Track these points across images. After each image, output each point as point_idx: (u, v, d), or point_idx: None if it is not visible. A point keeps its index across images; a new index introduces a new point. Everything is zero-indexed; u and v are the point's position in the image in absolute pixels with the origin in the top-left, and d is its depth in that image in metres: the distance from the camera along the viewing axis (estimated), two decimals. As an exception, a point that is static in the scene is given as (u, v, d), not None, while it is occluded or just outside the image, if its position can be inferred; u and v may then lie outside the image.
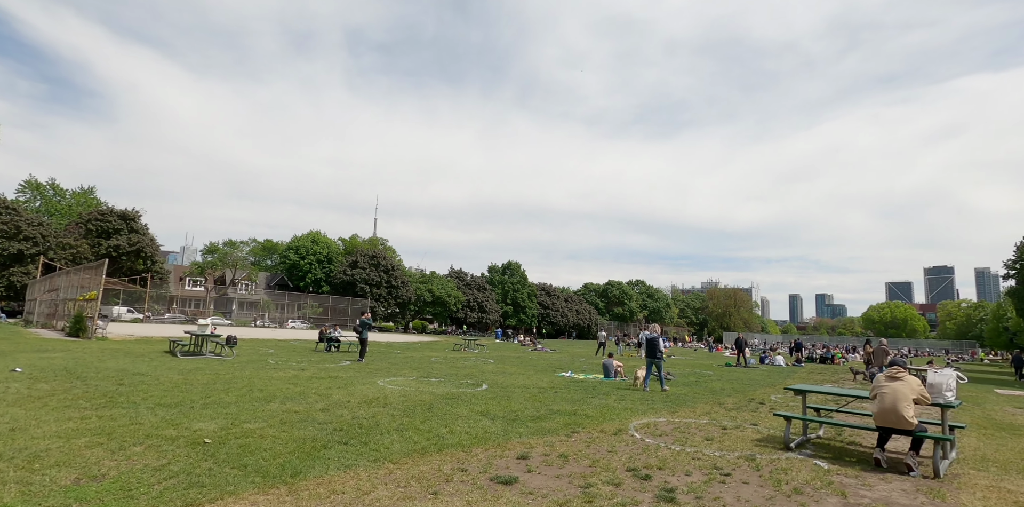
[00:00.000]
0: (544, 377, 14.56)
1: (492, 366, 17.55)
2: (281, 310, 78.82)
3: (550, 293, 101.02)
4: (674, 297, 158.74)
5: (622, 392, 11.67)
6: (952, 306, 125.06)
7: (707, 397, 11.46)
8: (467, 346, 28.37)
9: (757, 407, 10.16)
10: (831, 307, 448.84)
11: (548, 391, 11.30)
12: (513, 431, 6.83)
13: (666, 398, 10.91)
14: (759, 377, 18.31)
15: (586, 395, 10.87)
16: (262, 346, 22.67)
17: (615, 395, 11.01)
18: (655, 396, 11.15)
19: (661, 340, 12.56)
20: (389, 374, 13.26)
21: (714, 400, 10.96)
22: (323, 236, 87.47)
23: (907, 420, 5.64)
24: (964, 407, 12.04)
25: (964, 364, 46.27)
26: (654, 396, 11.13)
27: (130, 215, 59.77)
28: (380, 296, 74.02)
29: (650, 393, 11.64)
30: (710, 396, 11.66)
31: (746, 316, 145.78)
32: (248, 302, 78.09)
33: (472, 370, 15.64)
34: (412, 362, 17.58)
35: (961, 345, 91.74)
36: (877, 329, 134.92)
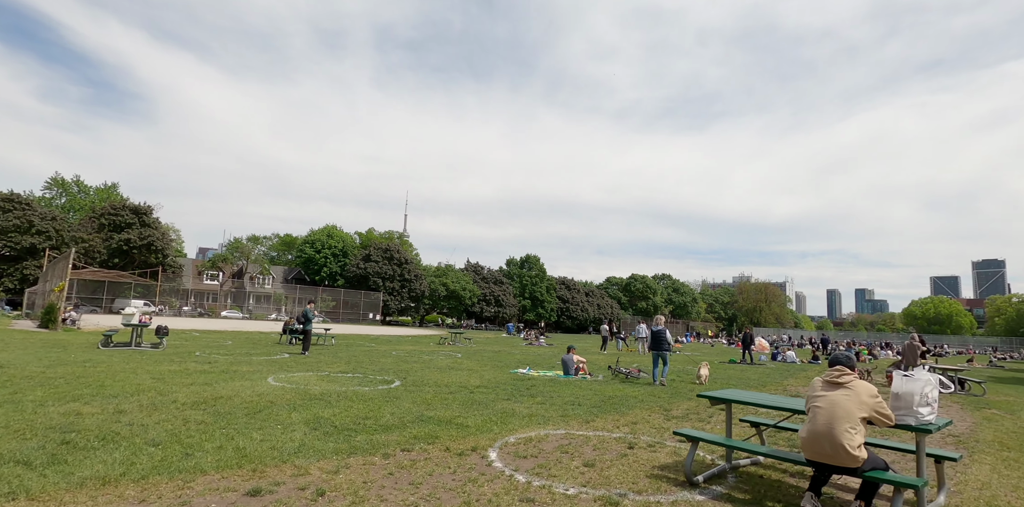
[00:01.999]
0: (492, 374, 12.68)
1: (449, 361, 15.75)
2: (294, 304, 78.94)
3: (570, 287, 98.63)
4: (702, 292, 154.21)
5: (558, 392, 9.71)
6: (1002, 301, 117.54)
7: (660, 400, 9.39)
8: (452, 340, 26.65)
9: (712, 415, 8.06)
10: (871, 303, 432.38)
11: (465, 391, 9.42)
12: (319, 446, 5.00)
13: (601, 402, 8.91)
14: (754, 376, 16.02)
15: (506, 396, 8.96)
16: (227, 338, 21.39)
17: (541, 397, 9.06)
18: (587, 400, 9.15)
19: (667, 333, 12.20)
20: (306, 369, 11.58)
21: (663, 405, 8.89)
22: (339, 230, 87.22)
23: (847, 451, 3.57)
24: (992, 417, 9.66)
25: (1012, 362, 42.28)
26: (585, 399, 9.14)
27: (142, 209, 60.11)
28: (393, 290, 73.08)
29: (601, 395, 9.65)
30: (666, 399, 9.58)
31: (778, 311, 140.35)
32: (265, 296, 78.27)
33: (415, 366, 13.87)
34: (363, 356, 15.92)
35: (1011, 342, 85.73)
36: (919, 325, 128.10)
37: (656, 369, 12.01)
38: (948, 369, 14.28)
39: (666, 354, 12.08)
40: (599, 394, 9.82)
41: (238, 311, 70.40)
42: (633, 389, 10.88)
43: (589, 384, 11.43)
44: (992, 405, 11.54)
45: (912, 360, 14.14)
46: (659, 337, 12.17)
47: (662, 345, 12.05)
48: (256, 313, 72.53)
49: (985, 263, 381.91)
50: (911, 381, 3.87)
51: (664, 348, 12.05)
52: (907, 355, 14.27)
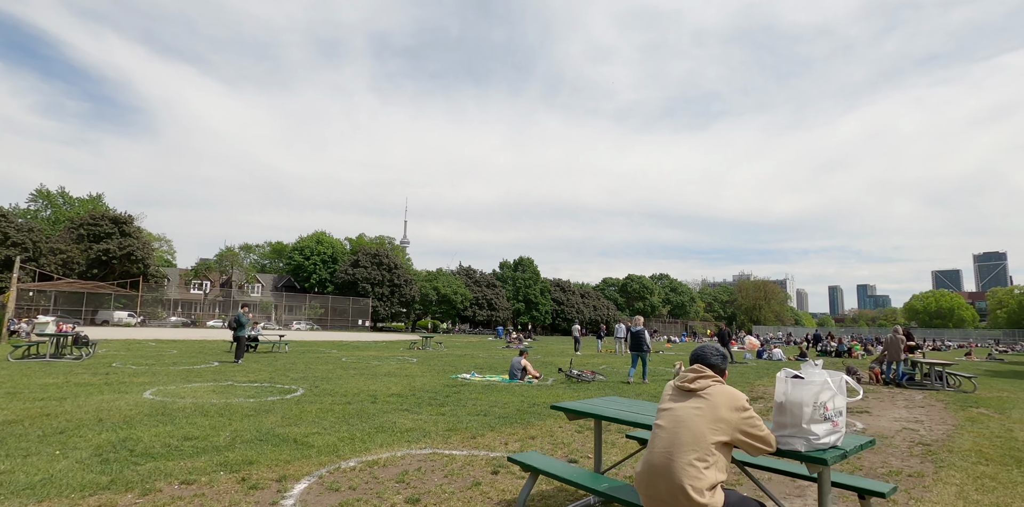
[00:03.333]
0: (426, 380, 11.46)
1: (393, 367, 14.53)
2: (286, 312, 77.74)
3: (565, 289, 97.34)
4: (701, 291, 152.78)
5: (479, 400, 8.50)
6: (1003, 293, 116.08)
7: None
8: (423, 345, 25.41)
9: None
10: (873, 298, 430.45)
11: (368, 400, 8.21)
12: (69, 479, 3.80)
13: (518, 411, 7.70)
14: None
15: (409, 406, 7.75)
16: (176, 347, 20.17)
17: (451, 406, 7.85)
18: (504, 408, 7.93)
19: (646, 333, 12.21)
20: (211, 380, 10.36)
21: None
22: (328, 236, 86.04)
23: (689, 497, 2.33)
24: (977, 418, 8.43)
25: (1013, 355, 40.94)
26: (501, 408, 7.93)
27: (123, 219, 58.96)
28: (382, 295, 71.85)
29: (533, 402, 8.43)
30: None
31: (777, 309, 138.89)
32: (253, 305, 77.03)
33: (347, 373, 12.65)
34: (302, 364, 14.70)
35: (1014, 334, 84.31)
36: (921, 319, 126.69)
37: (634, 369, 11.95)
38: (935, 364, 13.04)
39: (645, 355, 12.00)
40: (527, 401, 8.60)
41: (225, 320, 69.26)
42: (576, 394, 9.65)
43: (528, 390, 10.21)
44: (981, 403, 10.30)
45: (895, 355, 12.88)
46: (638, 337, 12.07)
47: (641, 346, 11.97)
48: (244, 322, 71.37)
49: (986, 256, 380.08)
50: (801, 385, 2.63)
51: (643, 349, 11.96)
52: (890, 350, 13.02)
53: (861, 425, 7.37)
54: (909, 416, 8.35)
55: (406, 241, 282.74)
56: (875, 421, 7.76)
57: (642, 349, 12.02)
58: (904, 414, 8.56)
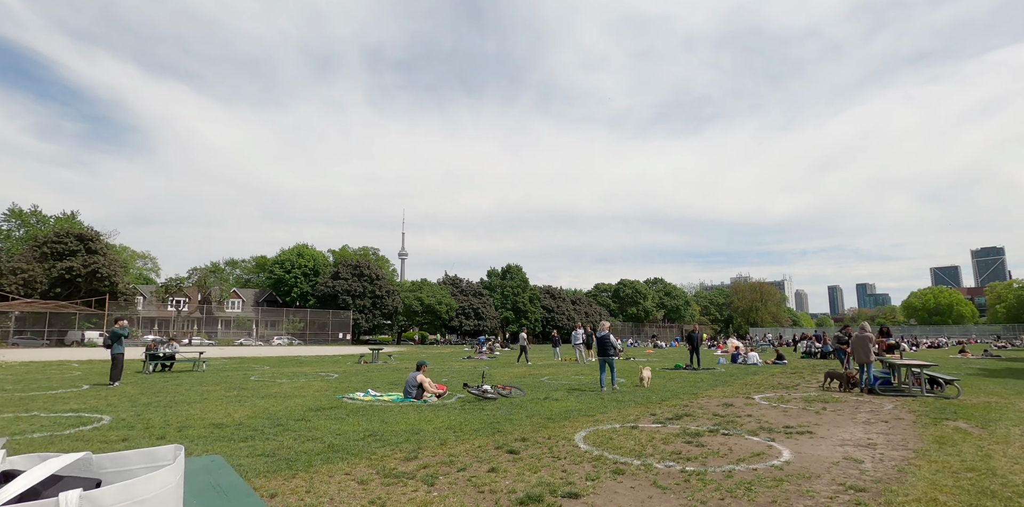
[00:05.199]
0: (304, 401, 9.59)
1: (297, 386, 12.65)
2: (266, 327, 75.70)
3: (555, 296, 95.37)
4: (697, 294, 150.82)
5: (318, 428, 6.65)
6: (1002, 288, 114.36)
7: (440, 436, 6.31)
8: (371, 358, 23.46)
9: (444, 470, 4.97)
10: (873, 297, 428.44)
11: (176, 431, 6.34)
12: None
13: (309, 452, 5.83)
14: (676, 385, 12.90)
15: (216, 440, 5.89)
16: (81, 368, 18.21)
17: (269, 440, 5.99)
18: (324, 440, 6.08)
19: (611, 337, 12.03)
20: (23, 410, 8.47)
21: (407, 449, 5.80)
22: (310, 249, 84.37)
23: None
24: (948, 438, 6.59)
25: (1011, 351, 39.06)
26: (322, 442, 6.08)
27: (89, 236, 57.06)
28: (364, 308, 69.83)
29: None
30: (453, 434, 6.50)
31: (774, 310, 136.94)
32: (234, 321, 74.94)
33: (224, 395, 10.78)
34: (188, 385, 12.81)
35: (1014, 329, 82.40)
36: (920, 317, 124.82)
37: (603, 375, 11.71)
38: (912, 365, 11.20)
39: (612, 359, 11.75)
40: (382, 429, 6.73)
41: (205, 338, 67.18)
42: (463, 417, 7.78)
43: (408, 412, 8.34)
44: (963, 413, 8.45)
45: (864, 356, 11.05)
46: (604, 343, 11.89)
47: (608, 351, 11.74)
48: (222, 339, 69.25)
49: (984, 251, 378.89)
50: None
51: (610, 354, 11.74)
52: (856, 350, 11.19)
53: (788, 454, 5.52)
54: (862, 437, 6.50)
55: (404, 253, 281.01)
56: (812, 447, 5.90)
57: (609, 354, 11.74)
58: (857, 434, 6.71)
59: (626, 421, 7.49)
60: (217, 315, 74.11)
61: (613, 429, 6.82)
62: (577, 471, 4.80)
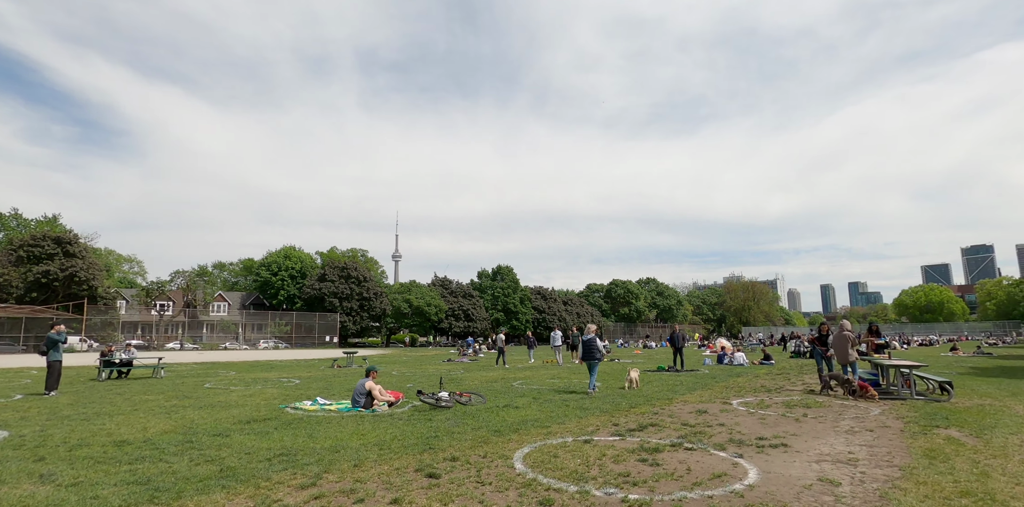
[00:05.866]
0: (242, 412, 8.74)
1: (249, 393, 11.79)
2: (253, 330, 74.46)
3: (546, 296, 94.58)
4: (690, 294, 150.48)
5: (225, 447, 5.81)
6: (992, 285, 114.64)
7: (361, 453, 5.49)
8: (344, 362, 22.56)
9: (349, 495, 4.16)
10: (865, 295, 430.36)
11: (67, 451, 5.49)
12: None
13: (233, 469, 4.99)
14: (653, 388, 12.12)
15: (92, 463, 5.05)
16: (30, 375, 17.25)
17: (161, 462, 5.15)
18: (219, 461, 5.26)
19: (598, 340, 11.82)
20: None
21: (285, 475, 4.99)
22: (297, 251, 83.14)
23: None
24: (941, 450, 5.85)
25: (1003, 348, 38.62)
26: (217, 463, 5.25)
27: (66, 239, 55.75)
28: (351, 310, 68.78)
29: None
30: (377, 452, 5.69)
31: (766, 309, 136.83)
32: (219, 324, 73.64)
33: (165, 404, 9.91)
34: (134, 393, 11.92)
35: (1004, 326, 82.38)
36: (911, 314, 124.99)
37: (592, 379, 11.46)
38: (901, 366, 10.49)
39: (596, 363, 11.53)
40: (299, 446, 5.91)
41: (189, 342, 65.89)
42: (409, 430, 6.97)
43: (348, 424, 7.52)
44: (954, 418, 7.72)
45: (843, 356, 10.33)
46: (589, 346, 11.67)
47: (593, 354, 11.55)
48: (207, 343, 68.00)
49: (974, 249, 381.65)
50: None
51: (595, 358, 11.53)
52: (837, 350, 10.47)
53: (754, 474, 4.75)
54: (842, 451, 5.74)
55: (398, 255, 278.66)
56: (784, 465, 5.13)
57: (594, 358, 11.53)
58: (838, 447, 5.95)
59: (582, 433, 6.70)
60: (202, 319, 72.84)
61: (563, 444, 6.03)
62: (497, 501, 4.01)
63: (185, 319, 72.01)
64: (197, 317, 72.91)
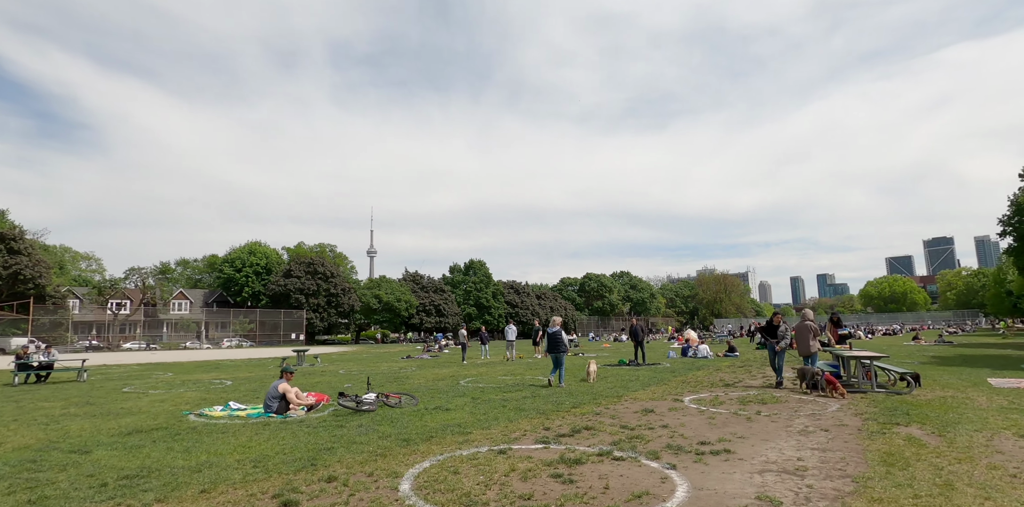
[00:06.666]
0: (144, 420, 7.69)
1: (164, 397, 10.68)
2: (216, 329, 72.05)
3: (519, 291, 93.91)
4: (663, 287, 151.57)
5: (43, 467, 4.81)
6: (952, 275, 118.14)
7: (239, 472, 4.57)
8: (293, 361, 21.39)
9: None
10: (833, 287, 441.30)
11: None
12: None
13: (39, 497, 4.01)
14: (606, 385, 11.40)
15: None
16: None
17: None
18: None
19: (563, 334, 11.78)
20: None
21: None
22: (262, 246, 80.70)
23: None
24: (900, 453, 5.17)
25: (962, 336, 39.28)
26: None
27: (10, 235, 52.74)
28: (318, 306, 66.99)
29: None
30: (246, 471, 4.77)
31: (738, 301, 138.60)
32: (179, 323, 71.02)
33: (49, 414, 8.77)
34: (29, 400, 10.69)
35: (962, 315, 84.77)
36: (876, 305, 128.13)
37: (554, 373, 11.52)
38: (862, 357, 9.95)
39: (562, 356, 11.51)
40: (134, 468, 4.94)
41: (148, 341, 63.31)
42: (305, 439, 6.04)
43: (238, 433, 6.55)
44: (917, 414, 7.12)
45: (805, 348, 9.76)
46: (555, 339, 11.66)
47: (559, 348, 11.55)
48: (167, 342, 65.51)
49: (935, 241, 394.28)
50: None
51: (560, 350, 11.51)
52: (799, 341, 9.90)
53: (683, 492, 3.96)
54: (791, 457, 5.01)
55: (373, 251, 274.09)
56: (722, 478, 4.37)
57: (559, 351, 11.50)
58: (787, 452, 5.23)
59: (504, 440, 5.86)
60: (161, 317, 70.13)
61: (473, 455, 5.18)
62: (347, 543, 3.13)
63: (142, 318, 69.31)
64: (156, 316, 70.24)
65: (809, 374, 9.49)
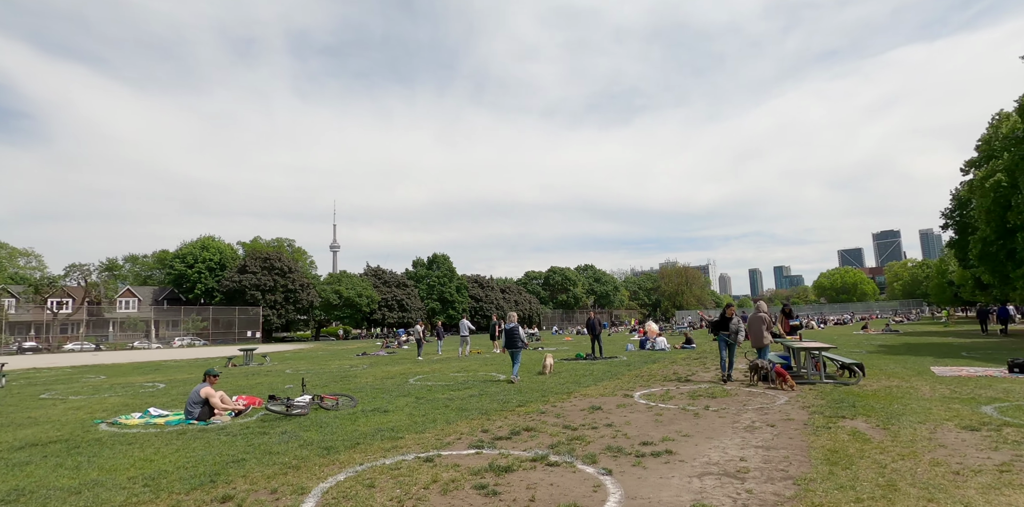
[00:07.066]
0: (48, 431, 6.95)
1: (94, 401, 9.84)
2: (168, 327, 69.16)
3: (483, 285, 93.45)
4: (626, 279, 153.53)
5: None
6: (898, 267, 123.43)
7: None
8: (242, 361, 20.43)
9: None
10: (789, 278, 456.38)
11: None
12: None
13: None
14: (558, 380, 11.11)
15: None
16: None
17: None
18: None
19: (520, 330, 11.80)
20: None
21: None
22: (216, 241, 77.68)
23: None
24: (843, 450, 4.98)
25: (908, 324, 40.90)
26: None
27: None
28: (275, 303, 65.01)
29: None
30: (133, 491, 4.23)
31: (698, 293, 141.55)
32: (126, 322, 67.81)
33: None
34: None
35: (908, 304, 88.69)
36: (829, 295, 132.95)
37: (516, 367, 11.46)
38: (811, 348, 9.94)
39: (519, 352, 11.56)
40: (8, 490, 4.33)
41: (92, 342, 60.21)
42: (194, 453, 5.49)
43: (145, 444, 5.94)
44: (863, 405, 7.04)
45: (759, 339, 9.70)
46: (512, 335, 11.73)
47: (516, 343, 11.61)
48: (113, 342, 62.48)
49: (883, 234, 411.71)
50: None
51: (517, 346, 11.56)
52: (753, 332, 9.82)
53: (614, 502, 3.63)
54: (734, 457, 4.76)
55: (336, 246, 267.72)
56: (657, 484, 4.07)
57: (516, 346, 11.56)
58: (730, 451, 4.98)
59: (435, 446, 5.45)
60: (107, 316, 66.82)
61: (396, 465, 4.74)
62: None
63: (85, 317, 65.95)
64: (101, 315, 66.95)
65: (760, 367, 9.40)
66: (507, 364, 15.09)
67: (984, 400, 7.21)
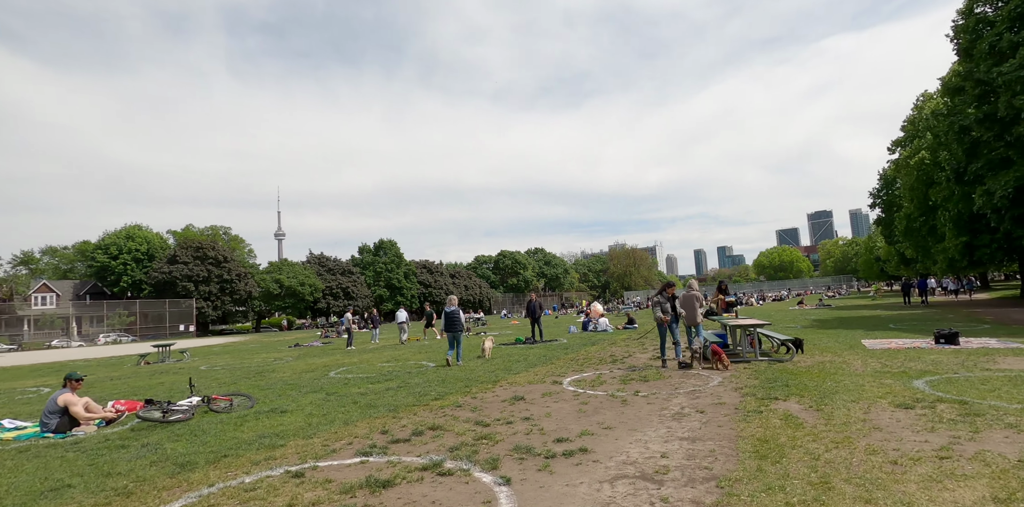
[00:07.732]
0: None
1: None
2: (91, 323, 64.54)
3: (432, 270, 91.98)
4: (576, 262, 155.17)
5: None
6: (831, 245, 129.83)
7: None
8: (157, 358, 18.76)
9: None
10: (731, 258, 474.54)
11: None
12: None
13: None
14: (489, 366, 10.46)
15: None
16: None
17: None
18: None
19: (460, 313, 11.65)
20: None
21: None
22: (144, 230, 72.86)
23: None
24: (774, 437, 4.47)
25: (840, 299, 42.71)
26: None
27: None
28: (210, 294, 61.65)
29: None
30: None
31: (646, 274, 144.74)
32: (43, 319, 62.79)
33: None
34: None
35: (840, 280, 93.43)
36: (768, 273, 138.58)
37: (451, 351, 11.37)
38: (747, 325, 9.65)
39: (460, 335, 11.55)
40: None
41: (4, 343, 55.37)
42: (36, 472, 4.48)
43: None
44: (796, 384, 6.68)
45: (692, 318, 9.32)
46: (452, 318, 11.64)
47: (455, 327, 11.55)
48: (29, 342, 57.73)
49: (817, 214, 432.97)
50: None
51: (458, 329, 11.54)
52: (686, 311, 9.44)
53: (502, 528, 2.95)
54: (655, 453, 4.19)
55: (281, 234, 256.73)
56: (565, 491, 3.42)
57: (456, 330, 11.51)
58: (653, 446, 4.41)
59: (316, 454, 4.64)
60: (20, 313, 61.66)
61: (256, 483, 3.91)
62: None
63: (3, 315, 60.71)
64: (14, 312, 61.74)
65: (698, 346, 9.04)
66: (441, 352, 14.34)
67: (915, 373, 7.01)
